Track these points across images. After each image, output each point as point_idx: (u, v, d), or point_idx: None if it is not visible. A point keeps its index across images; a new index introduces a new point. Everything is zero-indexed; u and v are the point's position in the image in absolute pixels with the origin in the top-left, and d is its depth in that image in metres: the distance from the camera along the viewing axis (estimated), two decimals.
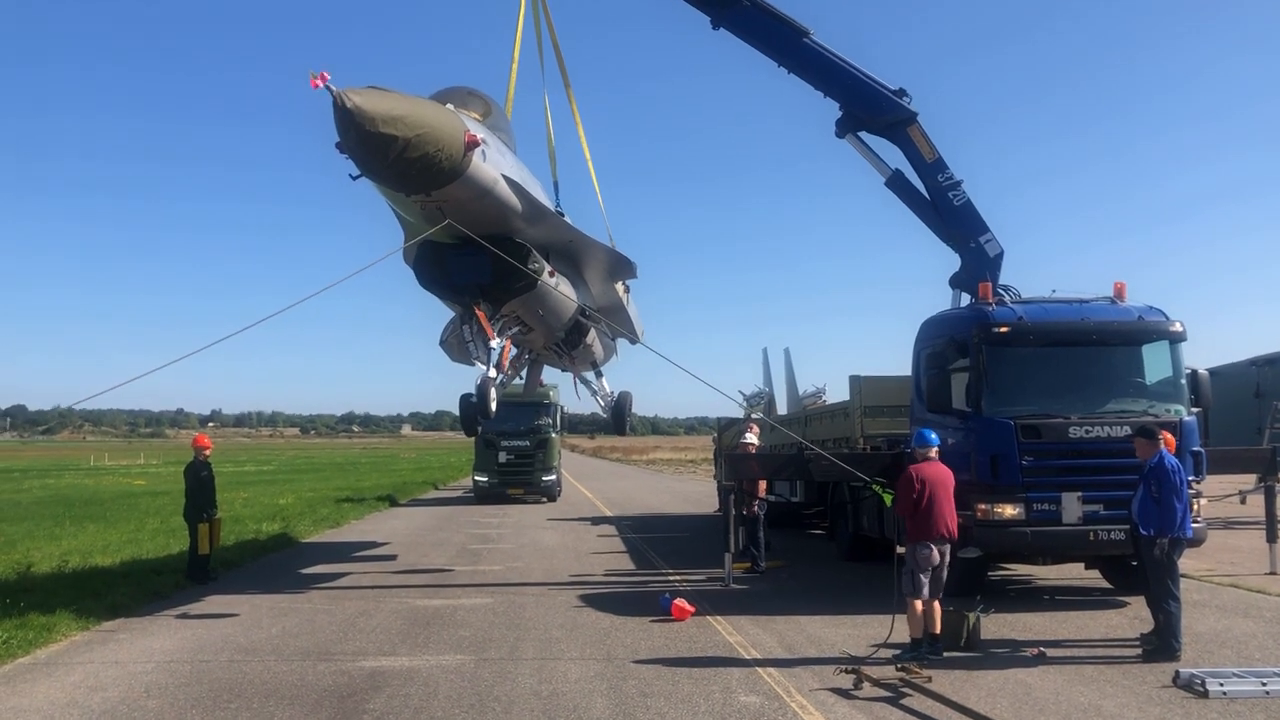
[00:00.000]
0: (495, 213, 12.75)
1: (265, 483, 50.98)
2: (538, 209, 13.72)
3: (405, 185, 11.46)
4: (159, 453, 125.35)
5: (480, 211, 12.46)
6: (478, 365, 14.95)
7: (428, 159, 10.85)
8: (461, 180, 11.50)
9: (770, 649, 11.31)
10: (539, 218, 13.87)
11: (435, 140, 10.81)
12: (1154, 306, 14.39)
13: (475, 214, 12.42)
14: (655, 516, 31.57)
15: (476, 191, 11.98)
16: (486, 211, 12.57)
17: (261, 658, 11.14)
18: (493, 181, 12.18)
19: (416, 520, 30.99)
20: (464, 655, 11.12)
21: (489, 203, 12.42)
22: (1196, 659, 10.34)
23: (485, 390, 14.13)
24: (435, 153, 10.86)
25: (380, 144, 10.45)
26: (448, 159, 11.05)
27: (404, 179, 11.22)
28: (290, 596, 15.53)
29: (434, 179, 11.26)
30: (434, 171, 11.09)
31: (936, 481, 11.07)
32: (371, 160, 10.81)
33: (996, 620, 12.17)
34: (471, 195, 11.97)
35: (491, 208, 12.57)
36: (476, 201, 12.18)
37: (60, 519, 28.70)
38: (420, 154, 10.74)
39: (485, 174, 11.92)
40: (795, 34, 18.11)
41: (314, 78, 9.80)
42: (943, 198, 18.43)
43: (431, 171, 11.08)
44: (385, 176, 11.27)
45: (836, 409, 22.08)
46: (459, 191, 11.70)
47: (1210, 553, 17.42)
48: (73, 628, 12.69)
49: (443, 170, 11.14)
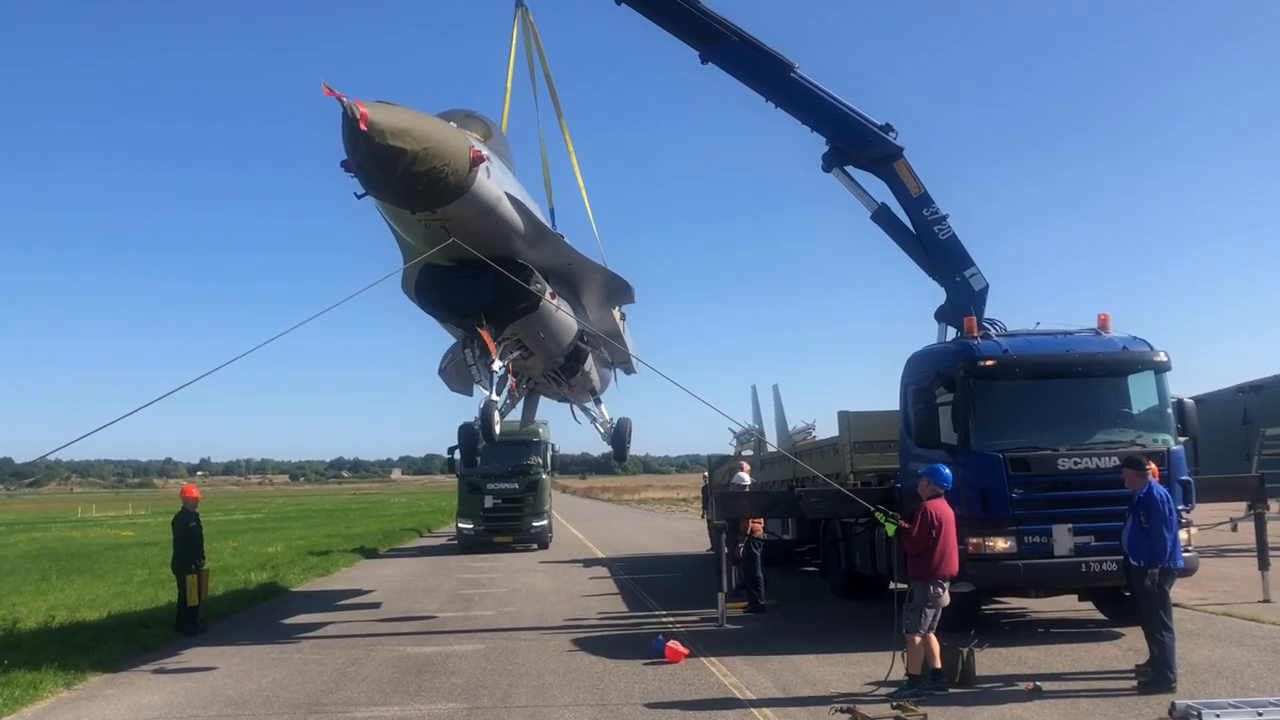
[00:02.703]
0: (498, 232, 12.75)
1: (254, 531, 50.58)
2: (539, 229, 13.77)
3: (411, 201, 11.42)
4: (147, 503, 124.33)
5: (484, 230, 12.45)
6: (479, 390, 14.93)
7: (434, 173, 10.86)
8: (467, 196, 11.52)
9: (765, 689, 11.24)
10: (540, 239, 13.91)
11: (442, 155, 10.83)
12: (1138, 337, 14.49)
13: (479, 233, 12.41)
14: (648, 556, 31.42)
15: (481, 209, 12.00)
16: (490, 230, 12.57)
17: (251, 710, 11.01)
18: (496, 199, 12.22)
19: (407, 567, 30.76)
20: (456, 703, 11.01)
21: (493, 221, 12.43)
22: (1192, 690, 10.31)
23: (489, 414, 14.17)
24: (442, 167, 10.89)
25: (388, 157, 10.46)
26: (454, 174, 11.08)
27: (410, 194, 11.18)
28: (280, 647, 15.37)
29: (440, 195, 11.25)
30: (440, 187, 11.09)
31: (947, 519, 11.05)
32: (379, 173, 10.78)
33: (990, 655, 12.13)
34: (476, 213, 11.98)
35: (495, 226, 12.58)
36: (481, 219, 12.20)
37: (47, 572, 28.39)
38: (427, 168, 10.75)
39: (489, 191, 11.96)
40: (781, 68, 18.33)
41: (326, 86, 9.85)
42: (928, 232, 18.56)
43: (438, 187, 11.07)
44: (392, 191, 11.22)
45: (826, 445, 22.07)
46: (464, 209, 11.72)
47: (1203, 581, 17.40)
48: (59, 684, 12.51)
49: (449, 186, 11.15)
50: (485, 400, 14.38)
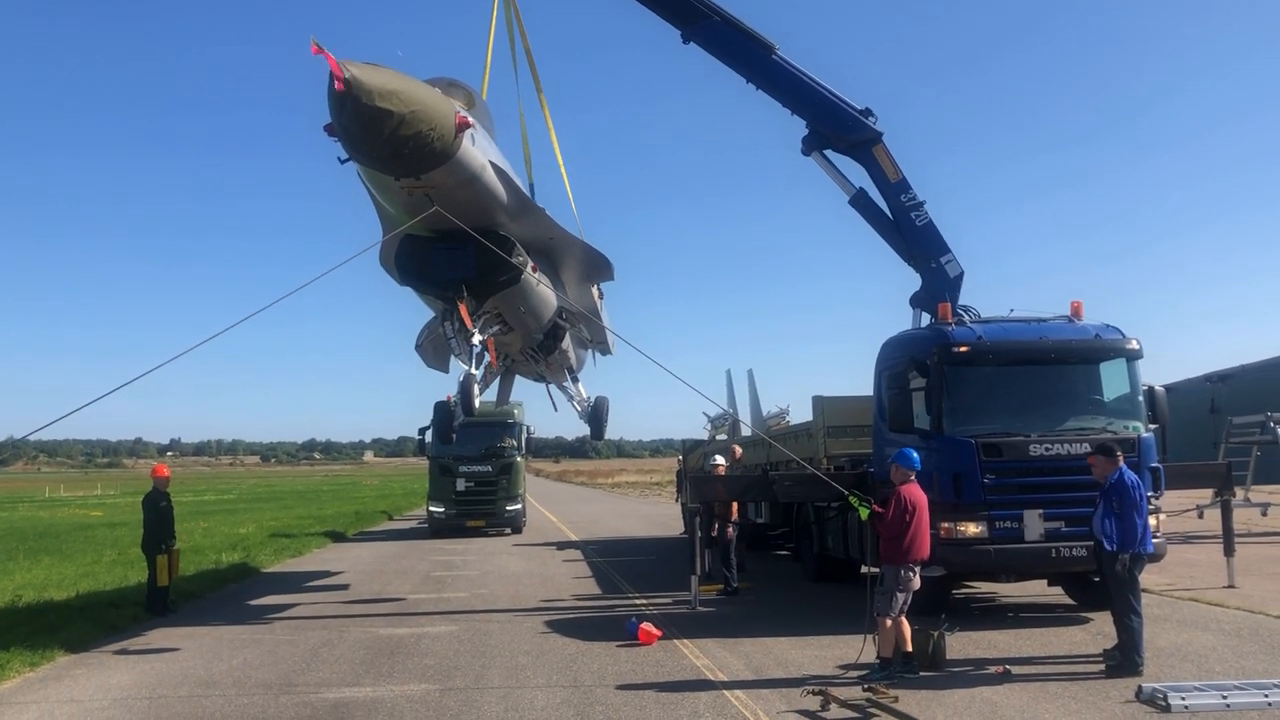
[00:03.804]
0: (481, 202, 12.64)
1: (225, 512, 50.27)
2: (522, 201, 13.66)
3: (395, 166, 11.27)
4: (116, 483, 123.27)
5: (467, 200, 12.35)
6: (456, 366, 14.89)
7: (420, 137, 10.72)
8: (451, 163, 11.40)
9: (737, 671, 11.29)
10: (523, 211, 13.81)
11: (429, 119, 10.70)
12: (1110, 325, 14.60)
13: (462, 202, 12.30)
14: (621, 540, 31.46)
15: (465, 177, 11.89)
16: (473, 200, 12.46)
17: (222, 691, 10.94)
18: (480, 168, 12.12)
19: (379, 549, 30.67)
20: (429, 684, 10.99)
21: (476, 190, 12.32)
22: (1158, 673, 10.43)
23: (469, 387, 14.10)
24: (428, 131, 10.75)
25: (375, 118, 10.31)
26: (440, 139, 10.95)
27: (396, 158, 11.02)
28: (251, 627, 15.29)
29: (425, 160, 11.12)
30: (426, 152, 10.96)
31: (920, 504, 11.09)
32: (364, 136, 10.61)
33: (961, 638, 12.22)
34: (460, 180, 11.87)
35: (478, 196, 12.47)
36: (465, 188, 12.09)
37: (14, 552, 28.05)
38: (414, 132, 10.60)
39: (474, 159, 11.85)
40: (762, 49, 18.34)
41: (315, 44, 9.65)
42: (905, 217, 18.62)
43: (423, 152, 10.94)
44: (376, 155, 11.06)
45: (800, 429, 22.14)
46: (448, 175, 11.60)
47: (1169, 567, 17.61)
48: (26, 665, 12.38)
49: (434, 151, 11.02)
50: (464, 374, 14.32)
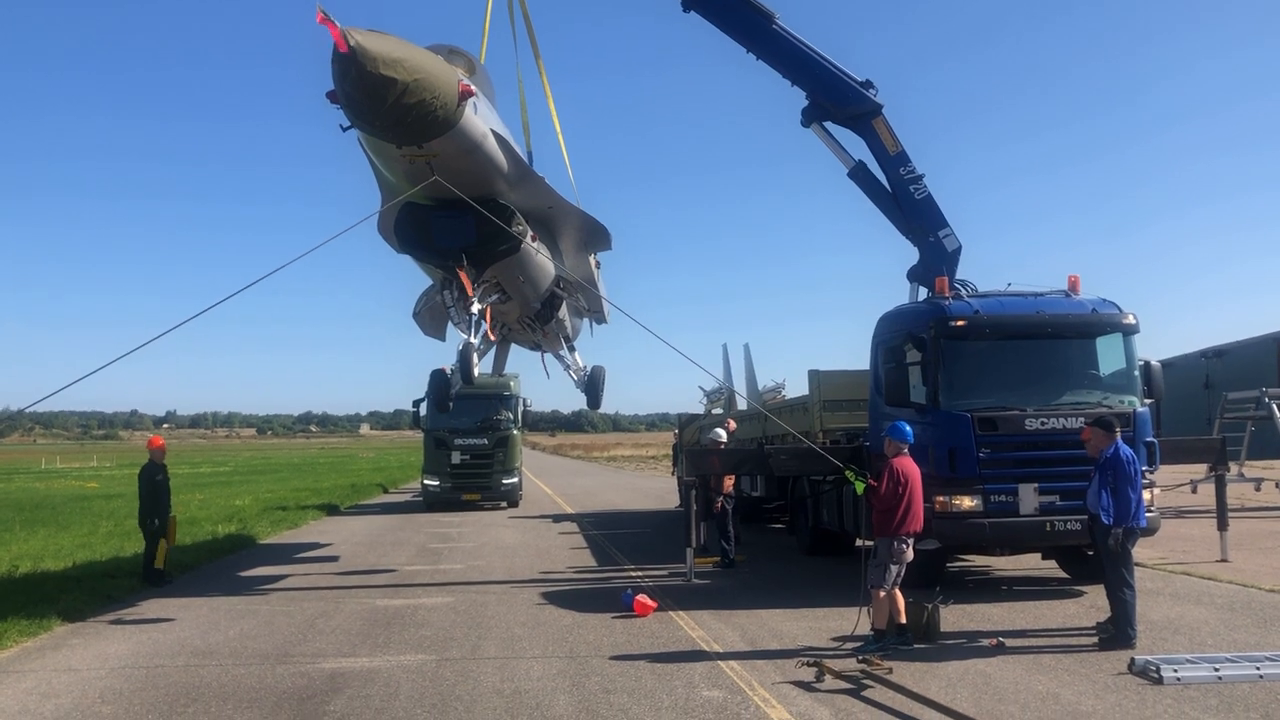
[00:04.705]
0: (482, 170, 12.59)
1: (221, 484, 50.31)
2: (522, 169, 13.61)
3: (399, 134, 11.21)
4: (112, 455, 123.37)
5: (468, 168, 12.30)
6: (453, 335, 14.88)
7: (424, 105, 10.68)
8: (454, 131, 11.35)
9: (733, 643, 11.34)
10: (523, 179, 13.76)
11: (432, 86, 10.65)
12: (1107, 299, 14.59)
13: (463, 171, 12.25)
14: (617, 513, 31.56)
15: (467, 145, 11.84)
16: (474, 168, 12.41)
17: (219, 660, 10.98)
18: (482, 136, 12.06)
19: (375, 521, 30.74)
20: (425, 655, 11.03)
21: (478, 158, 12.27)
22: (1151, 646, 10.50)
23: (468, 356, 14.14)
24: (431, 99, 10.70)
25: (379, 86, 10.25)
26: (443, 107, 10.90)
27: (399, 126, 10.97)
28: (247, 598, 15.34)
29: (428, 128, 11.07)
30: (429, 120, 10.91)
31: (913, 477, 11.12)
32: (368, 104, 10.53)
33: (955, 611, 12.28)
34: (462, 149, 11.82)
35: (479, 164, 12.42)
36: (466, 156, 12.03)
37: (10, 523, 28.05)
38: (417, 100, 10.55)
39: (476, 127, 11.80)
40: (762, 18, 18.25)
41: (321, 13, 9.58)
42: (904, 191, 18.56)
43: (426, 120, 10.89)
44: (380, 123, 10.99)
45: (796, 404, 22.18)
46: (450, 144, 11.55)
47: (1163, 541, 17.72)
48: (24, 634, 12.41)
49: (437, 119, 10.97)
50: (464, 343, 14.33)
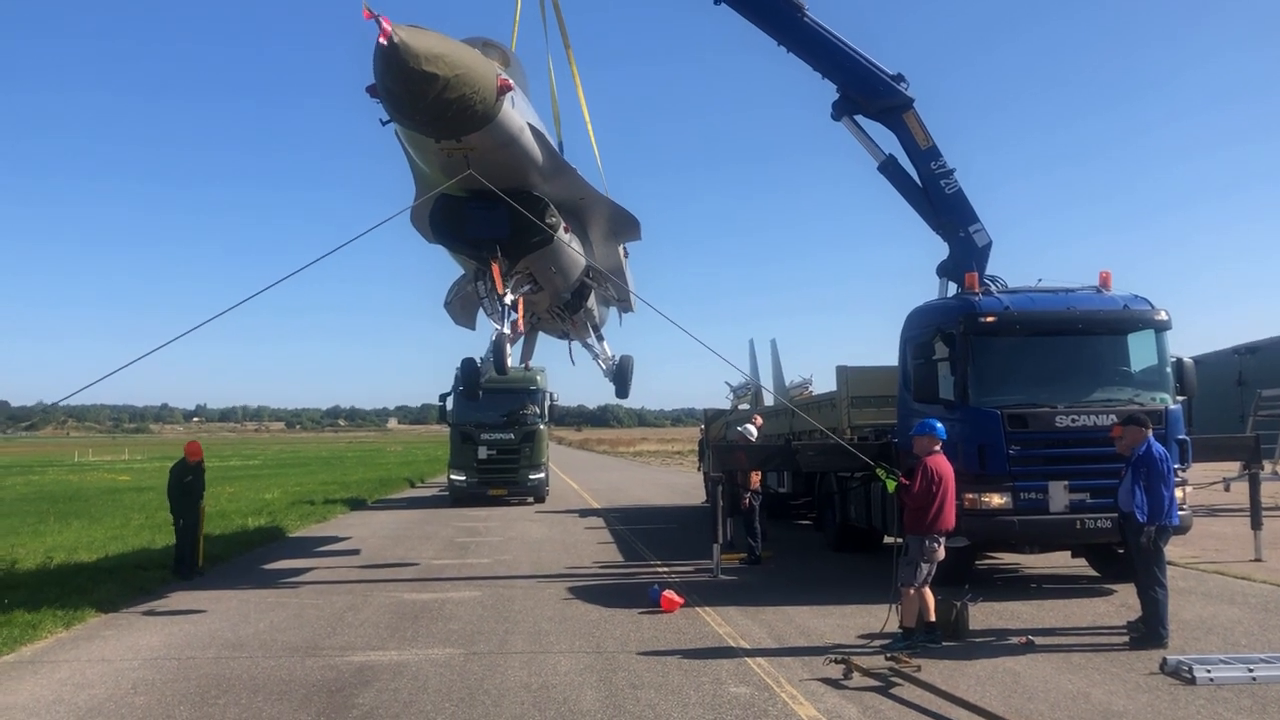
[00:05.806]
0: (517, 163, 12.69)
1: (251, 477, 50.78)
2: (556, 162, 13.69)
3: (438, 128, 11.31)
4: (143, 448, 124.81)
5: (504, 161, 12.39)
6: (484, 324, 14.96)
7: (464, 100, 10.77)
8: (492, 126, 11.44)
9: (760, 640, 11.32)
10: (556, 172, 13.83)
11: (471, 82, 10.74)
12: (1139, 296, 14.43)
13: (499, 164, 12.34)
14: (643, 508, 31.58)
15: (504, 139, 11.93)
16: (510, 161, 12.50)
17: (249, 653, 11.08)
18: (519, 130, 12.15)
19: (403, 515, 30.90)
20: (453, 649, 11.09)
21: (514, 152, 12.36)
22: (1183, 646, 10.39)
23: (501, 346, 14.29)
24: (471, 94, 10.80)
25: (421, 82, 10.35)
26: (482, 102, 11.00)
27: (438, 121, 11.07)
28: (277, 591, 15.46)
29: (467, 123, 11.16)
30: (468, 114, 11.01)
31: (947, 476, 11.07)
32: (409, 99, 10.65)
33: (984, 609, 12.21)
34: (499, 143, 11.91)
35: (515, 157, 12.51)
36: (503, 150, 12.12)
37: (44, 515, 28.49)
38: (458, 95, 10.65)
39: (513, 121, 11.88)
40: (792, 9, 18.13)
41: (367, 9, 9.71)
42: (934, 185, 18.43)
43: (466, 114, 10.99)
44: (420, 118, 11.09)
45: (824, 399, 22.08)
46: (488, 138, 11.64)
47: (1195, 540, 17.53)
48: (58, 625, 12.59)
49: (476, 114, 11.07)
50: (497, 333, 14.45)
